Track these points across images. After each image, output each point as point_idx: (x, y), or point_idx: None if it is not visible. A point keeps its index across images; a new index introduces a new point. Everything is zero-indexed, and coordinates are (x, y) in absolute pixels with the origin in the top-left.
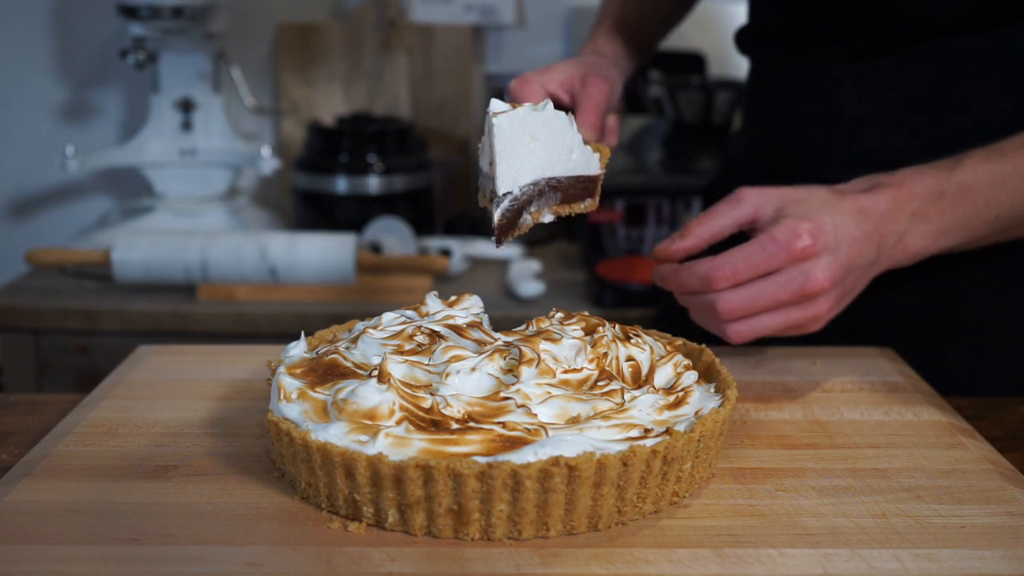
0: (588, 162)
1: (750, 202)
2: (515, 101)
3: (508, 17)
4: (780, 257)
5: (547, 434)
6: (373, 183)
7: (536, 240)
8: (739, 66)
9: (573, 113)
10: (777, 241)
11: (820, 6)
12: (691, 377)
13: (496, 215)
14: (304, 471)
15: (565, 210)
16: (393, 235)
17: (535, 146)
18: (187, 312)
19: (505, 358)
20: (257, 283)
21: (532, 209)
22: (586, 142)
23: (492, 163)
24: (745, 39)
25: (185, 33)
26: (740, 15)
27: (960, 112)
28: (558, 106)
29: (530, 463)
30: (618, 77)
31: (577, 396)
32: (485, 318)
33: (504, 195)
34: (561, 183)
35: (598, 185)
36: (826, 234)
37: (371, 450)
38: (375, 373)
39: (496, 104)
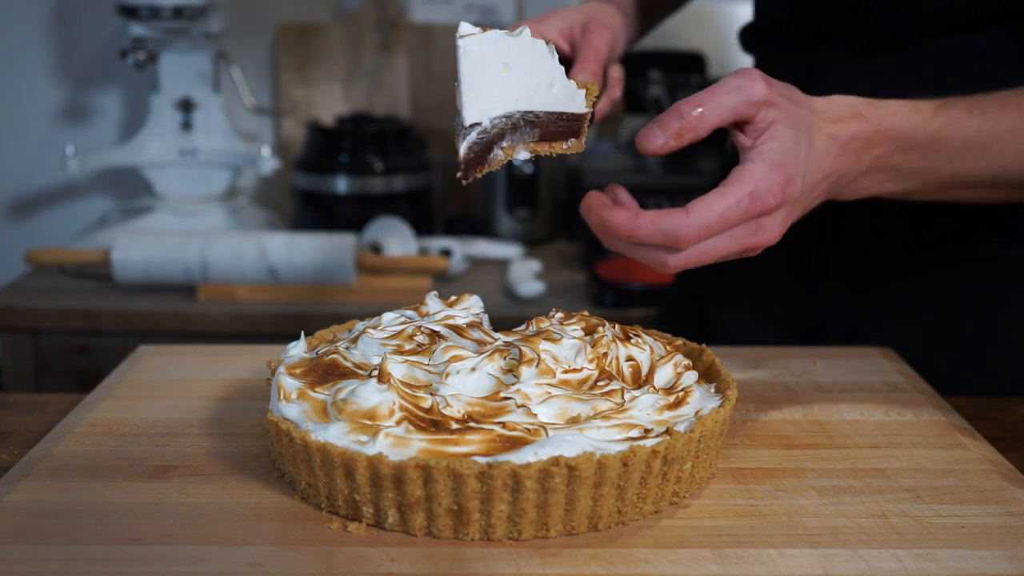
0: (572, 98)
1: (760, 90)
2: None
3: (508, 17)
4: (752, 214)
5: (547, 434)
6: (373, 183)
7: (536, 240)
8: (739, 65)
9: (573, 62)
10: (755, 197)
11: (824, 4)
12: (691, 377)
13: (462, 147)
14: (304, 471)
15: (545, 148)
16: (393, 235)
17: (508, 75)
18: (187, 312)
19: (505, 358)
20: (257, 283)
21: (504, 144)
22: (571, 78)
23: (458, 91)
24: (749, 36)
25: (185, 33)
26: (740, 15)
27: None
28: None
29: (530, 463)
30: (622, 25)
31: (577, 396)
32: (485, 318)
33: (471, 126)
34: (539, 118)
35: (584, 124)
36: (793, 188)
37: (371, 450)
38: (375, 373)
39: (465, 27)
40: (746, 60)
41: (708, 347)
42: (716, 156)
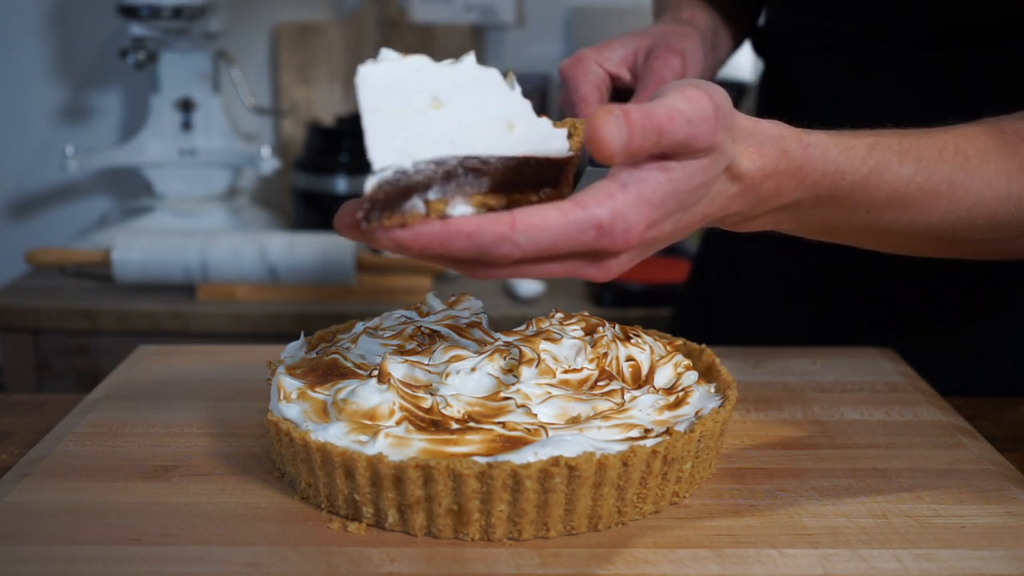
0: (546, 140)
1: (707, 136)
2: (567, 84)
3: (508, 17)
4: (593, 249)
5: (547, 434)
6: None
7: None
8: (741, 67)
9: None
10: (603, 232)
11: (825, 14)
12: (691, 377)
13: (370, 183)
14: (304, 471)
15: (502, 201)
16: None
17: (440, 112)
18: (187, 312)
19: (505, 358)
20: (257, 283)
21: (430, 196)
22: (544, 114)
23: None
24: (759, 42)
25: (185, 33)
26: None
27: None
28: (626, 93)
29: (530, 463)
30: (698, 48)
31: (577, 396)
32: (485, 318)
33: (382, 168)
34: (488, 166)
35: (567, 170)
36: (657, 232)
37: (371, 450)
38: (375, 373)
39: (384, 54)
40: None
41: (708, 347)
42: None
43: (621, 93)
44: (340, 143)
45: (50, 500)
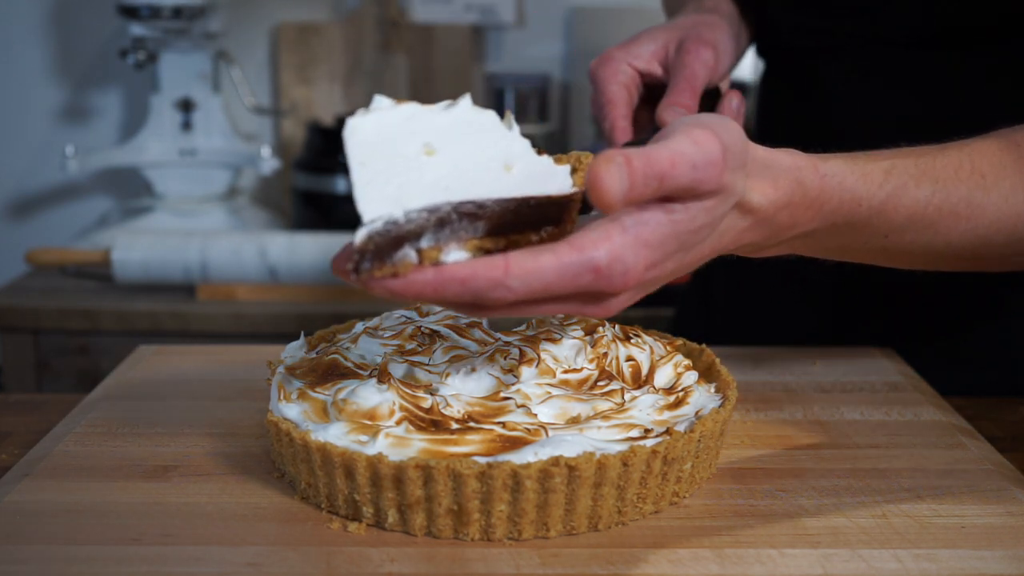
0: (547, 178)
1: (712, 181)
2: (596, 85)
3: (508, 17)
4: (590, 290)
5: (547, 434)
6: None
7: None
8: (742, 66)
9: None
10: (601, 275)
11: (824, 13)
12: (691, 377)
13: (360, 235)
14: (304, 471)
15: (500, 244)
16: None
17: (433, 159)
18: (187, 312)
19: (505, 358)
20: (257, 283)
21: (423, 244)
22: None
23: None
24: (760, 41)
25: (185, 33)
26: None
27: (973, 125)
28: (658, 88)
29: (530, 463)
30: (728, 39)
31: (577, 396)
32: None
33: (373, 220)
34: (485, 209)
35: (570, 208)
36: (658, 271)
37: (371, 450)
38: (375, 373)
39: (377, 101)
40: (747, 63)
41: (708, 347)
42: None
43: (653, 89)
44: (340, 143)
45: (50, 500)
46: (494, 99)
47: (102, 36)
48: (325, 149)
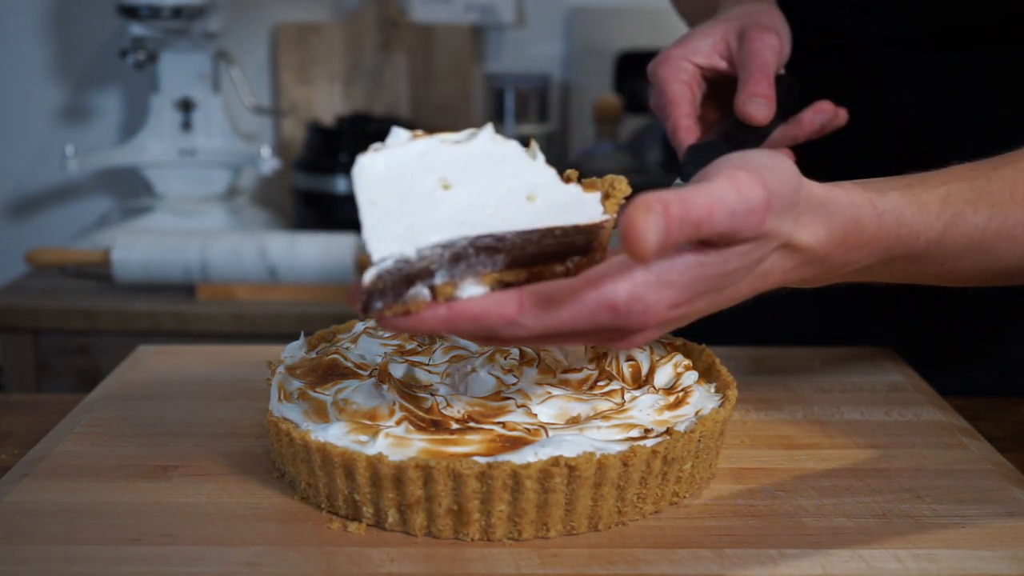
0: (572, 207)
1: (753, 228)
2: (656, 86)
3: (508, 17)
4: (609, 327)
5: (547, 434)
6: None
7: None
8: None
9: (737, 83)
10: (618, 314)
11: (831, 12)
12: (691, 377)
13: (369, 275)
14: (304, 471)
15: (521, 276)
16: None
17: (449, 193)
18: (187, 312)
19: (505, 358)
20: (257, 283)
21: (436, 281)
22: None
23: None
24: None
25: (185, 33)
26: None
27: (974, 126)
28: (720, 82)
29: (530, 463)
30: (784, 23)
31: (577, 396)
32: None
33: (383, 259)
34: (505, 242)
35: (602, 235)
36: (685, 310)
37: (371, 450)
38: (375, 373)
39: (396, 134)
40: None
41: (708, 347)
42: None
43: (715, 84)
44: (340, 143)
45: (50, 500)
46: (494, 99)
47: (102, 36)
48: (325, 149)
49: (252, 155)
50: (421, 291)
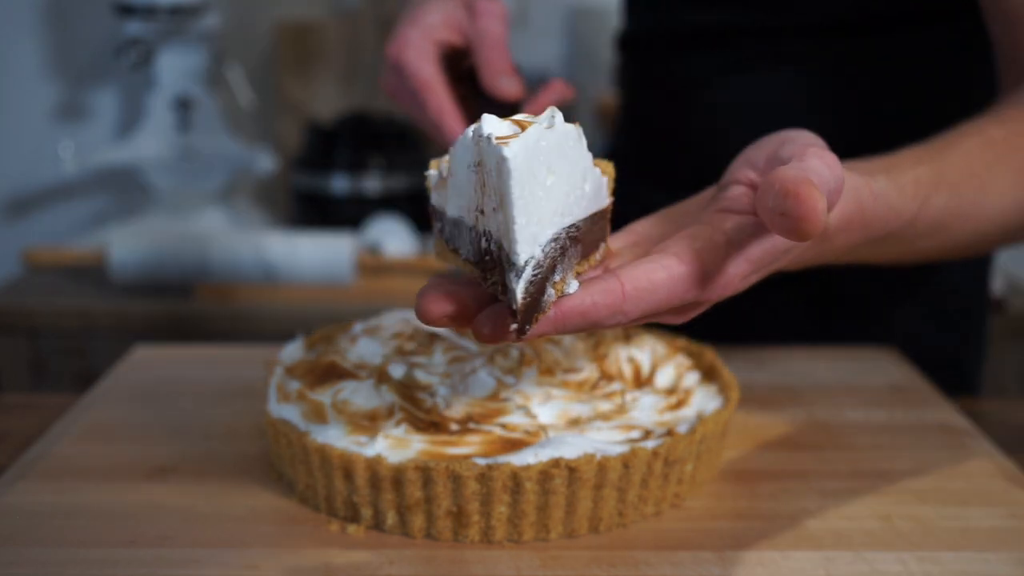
0: (600, 190)
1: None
2: (404, 70)
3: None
4: (686, 299)
5: (547, 435)
6: (372, 183)
7: None
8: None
9: (472, 60)
10: (703, 285)
11: (694, 5)
12: (693, 378)
13: (519, 290)
14: (302, 473)
15: (584, 268)
16: (393, 235)
17: (552, 182)
18: (185, 312)
19: (505, 359)
20: (255, 283)
21: (555, 278)
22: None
23: (502, 216)
24: (624, 45)
25: (182, 32)
26: None
27: (846, 120)
28: (450, 57)
29: (530, 465)
30: None
31: (578, 397)
32: None
33: (526, 263)
34: (580, 231)
35: (608, 220)
36: (741, 287)
37: (370, 452)
38: (374, 374)
39: (489, 123)
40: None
41: (709, 348)
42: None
43: (450, 59)
44: (338, 142)
45: (46, 502)
46: None
47: (99, 35)
48: (323, 148)
49: (250, 154)
50: (550, 293)
